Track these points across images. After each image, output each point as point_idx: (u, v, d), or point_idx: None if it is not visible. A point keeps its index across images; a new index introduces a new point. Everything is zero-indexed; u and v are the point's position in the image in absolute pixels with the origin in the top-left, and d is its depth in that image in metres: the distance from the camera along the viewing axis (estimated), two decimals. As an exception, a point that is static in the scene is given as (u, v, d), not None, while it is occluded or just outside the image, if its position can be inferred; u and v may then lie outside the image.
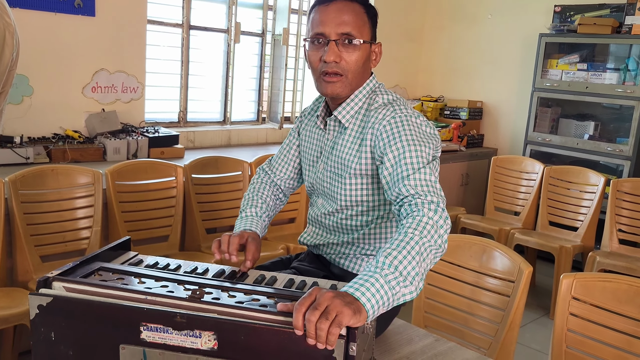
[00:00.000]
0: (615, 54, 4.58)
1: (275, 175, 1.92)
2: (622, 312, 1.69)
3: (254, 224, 1.76)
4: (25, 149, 3.19)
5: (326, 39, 1.60)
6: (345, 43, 1.59)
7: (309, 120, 1.86)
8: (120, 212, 2.97)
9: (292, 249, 3.35)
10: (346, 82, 1.63)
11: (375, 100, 1.67)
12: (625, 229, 3.87)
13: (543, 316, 3.90)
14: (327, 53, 1.59)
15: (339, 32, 1.58)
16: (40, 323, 1.14)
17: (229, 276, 1.43)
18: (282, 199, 1.94)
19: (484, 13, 5.46)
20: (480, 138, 5.50)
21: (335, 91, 1.64)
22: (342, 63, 1.61)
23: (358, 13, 1.61)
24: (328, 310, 1.06)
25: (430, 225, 1.30)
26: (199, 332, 1.08)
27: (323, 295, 1.08)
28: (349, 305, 1.07)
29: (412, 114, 1.60)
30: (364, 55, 1.63)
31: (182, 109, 4.33)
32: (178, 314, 1.08)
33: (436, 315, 2.05)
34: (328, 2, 1.61)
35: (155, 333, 1.10)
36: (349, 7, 1.60)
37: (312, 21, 1.64)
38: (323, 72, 1.62)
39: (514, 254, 1.92)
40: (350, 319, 1.06)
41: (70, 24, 3.53)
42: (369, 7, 1.66)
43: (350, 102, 1.68)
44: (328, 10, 1.60)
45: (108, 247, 1.45)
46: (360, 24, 1.61)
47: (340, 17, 1.58)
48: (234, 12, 4.43)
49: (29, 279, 2.64)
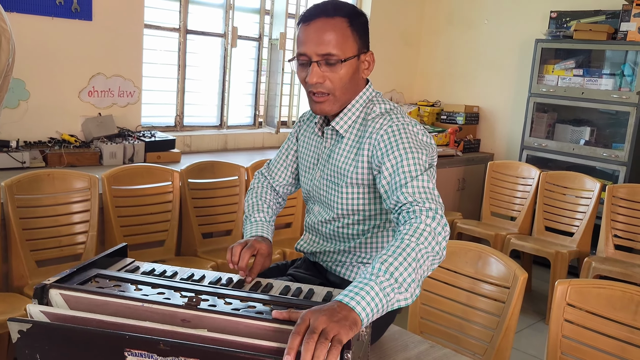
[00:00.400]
0: (611, 60, 4.60)
1: (274, 179, 1.92)
2: (617, 319, 1.69)
3: (265, 229, 1.76)
4: (21, 153, 3.18)
5: (308, 60, 1.58)
6: (328, 63, 1.57)
7: (307, 125, 1.86)
8: (116, 217, 2.96)
9: (288, 254, 3.34)
10: (334, 100, 1.63)
11: (373, 110, 1.67)
12: (621, 235, 3.88)
13: (539, 321, 3.91)
14: (309, 75, 1.58)
15: (319, 52, 1.56)
16: (24, 346, 1.13)
17: (225, 283, 1.43)
18: (281, 203, 1.95)
19: (481, 18, 5.48)
20: (477, 143, 5.51)
21: (324, 110, 1.64)
22: (327, 83, 1.59)
23: (339, 29, 1.57)
24: (325, 332, 1.04)
25: (428, 232, 1.29)
26: (184, 359, 1.06)
27: (317, 319, 1.06)
28: (343, 323, 1.06)
29: (409, 123, 1.60)
30: (349, 71, 1.60)
31: (179, 113, 4.33)
32: (161, 341, 1.05)
33: (432, 321, 2.05)
34: (309, 20, 1.58)
35: (141, 359, 1.08)
36: (329, 24, 1.56)
37: (297, 39, 1.63)
38: (310, 92, 1.62)
39: (509, 260, 1.93)
40: (348, 336, 1.05)
41: (67, 28, 3.52)
42: (355, 18, 1.61)
43: (347, 112, 1.67)
44: (309, 29, 1.58)
45: (105, 254, 1.44)
46: (342, 40, 1.56)
47: (320, 37, 1.55)
48: (230, 17, 4.44)
49: (25, 284, 2.62)
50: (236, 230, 3.43)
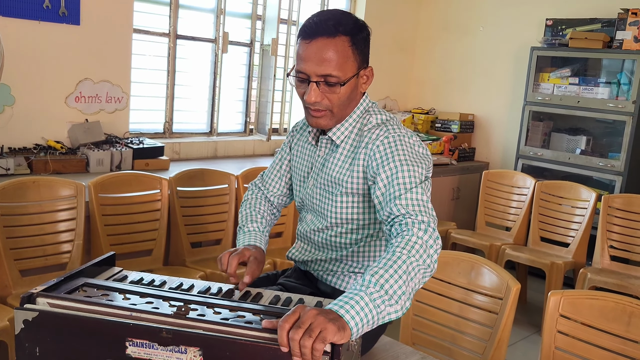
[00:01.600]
0: (607, 68, 4.57)
1: (268, 190, 1.93)
2: (610, 330, 1.69)
3: (258, 238, 1.76)
4: (6, 159, 3.12)
5: (307, 78, 1.57)
6: (327, 84, 1.56)
7: (300, 135, 1.87)
8: (103, 225, 2.90)
9: (279, 264, 3.29)
10: (331, 115, 1.63)
11: (369, 121, 1.68)
12: (617, 245, 3.83)
13: (534, 334, 3.84)
14: (308, 94, 1.57)
15: (319, 73, 1.54)
16: (25, 338, 1.15)
17: (214, 293, 1.43)
18: (275, 214, 1.96)
19: (476, 25, 5.44)
20: (472, 151, 5.46)
21: (320, 124, 1.66)
22: (325, 102, 1.59)
23: (341, 50, 1.54)
24: (312, 327, 1.07)
25: (419, 245, 1.30)
26: (185, 347, 1.09)
27: (307, 313, 1.09)
28: (333, 322, 1.08)
29: (405, 134, 1.61)
30: (348, 90, 1.60)
31: (168, 120, 4.25)
32: (164, 329, 1.09)
33: (424, 332, 2.06)
34: (310, 38, 1.55)
35: (141, 349, 1.10)
36: (331, 44, 1.54)
37: (297, 54, 1.60)
38: (308, 107, 1.62)
39: (502, 270, 1.93)
40: (334, 335, 1.07)
41: (54, 32, 3.45)
42: (356, 34, 1.59)
43: (344, 123, 1.69)
44: (310, 48, 1.55)
45: (92, 263, 1.45)
46: (342, 61, 1.55)
47: (321, 56, 1.53)
48: (222, 22, 4.37)
49: (8, 294, 2.57)
50: (226, 239, 3.37)
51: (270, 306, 1.33)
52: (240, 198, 3.41)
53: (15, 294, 2.56)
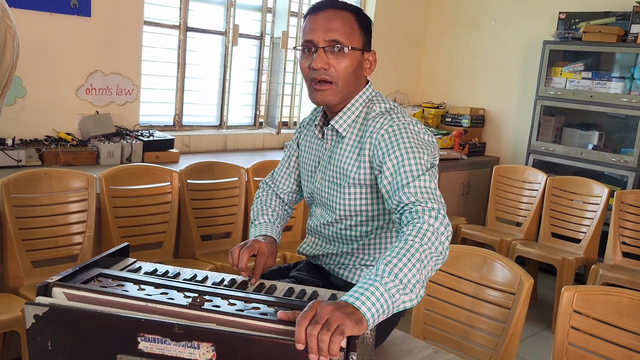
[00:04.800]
0: (621, 62, 4.52)
1: (278, 188, 1.94)
2: (624, 326, 1.68)
3: (269, 229, 1.77)
4: (17, 151, 3.12)
5: (315, 47, 1.61)
6: (334, 50, 1.60)
7: (307, 130, 1.87)
8: (113, 217, 2.92)
9: (288, 257, 3.28)
10: (336, 89, 1.63)
11: (373, 109, 1.68)
12: (629, 242, 3.79)
13: (544, 330, 3.82)
14: (315, 60, 1.60)
15: (326, 39, 1.59)
16: (37, 332, 1.14)
17: (228, 284, 1.43)
18: (288, 211, 1.96)
19: (488, 19, 5.39)
20: (482, 146, 5.43)
21: (325, 99, 1.65)
22: (331, 70, 1.61)
23: (347, 20, 1.61)
24: (329, 322, 1.06)
25: (431, 232, 1.30)
26: (197, 343, 1.08)
27: (323, 308, 1.09)
28: (350, 316, 1.08)
29: (409, 122, 1.61)
30: (354, 62, 1.63)
31: (178, 113, 4.25)
32: (176, 324, 1.08)
33: (435, 326, 2.05)
34: (317, 10, 1.63)
35: (153, 344, 1.10)
36: (338, 14, 1.61)
37: (303, 29, 1.66)
38: (313, 80, 1.63)
39: (514, 265, 1.92)
40: (352, 329, 1.07)
41: (65, 24, 3.45)
42: (361, 15, 1.67)
43: (347, 111, 1.68)
44: (317, 18, 1.62)
45: (107, 254, 1.45)
46: (349, 31, 1.61)
47: (328, 25, 1.60)
48: (232, 14, 4.36)
49: (20, 285, 2.59)
50: (235, 232, 3.37)
51: (284, 298, 1.33)
52: (250, 191, 3.41)
53: (27, 285, 2.58)
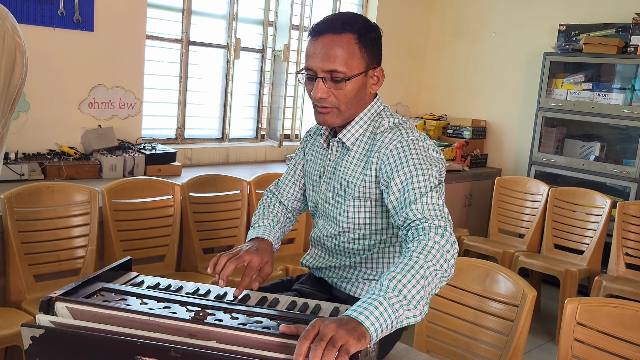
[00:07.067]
0: (622, 74, 4.53)
1: (282, 195, 1.92)
2: (628, 339, 1.67)
3: (267, 232, 1.74)
4: (20, 165, 3.13)
5: (315, 75, 1.58)
6: (333, 80, 1.57)
7: (314, 139, 1.86)
8: (116, 230, 2.91)
9: (291, 270, 3.27)
10: (338, 113, 1.62)
11: (382, 124, 1.66)
12: (632, 253, 3.78)
13: (548, 342, 3.80)
14: (314, 90, 1.58)
15: (325, 69, 1.56)
16: (34, 353, 1.14)
17: (231, 298, 1.43)
18: (291, 219, 1.94)
19: (488, 31, 5.42)
20: (484, 158, 5.43)
21: (327, 121, 1.64)
22: (331, 98, 1.59)
23: (347, 45, 1.56)
24: (334, 339, 1.05)
25: (436, 249, 1.30)
26: None
27: (326, 326, 1.07)
28: (353, 332, 1.07)
29: (418, 137, 1.59)
30: (355, 87, 1.60)
31: (180, 126, 4.26)
32: (172, 348, 1.06)
33: (438, 339, 2.04)
34: (317, 35, 1.59)
35: None
36: (337, 40, 1.56)
37: (306, 52, 1.63)
38: (315, 104, 1.62)
39: (517, 277, 1.91)
40: (356, 346, 1.06)
41: (68, 39, 3.47)
42: (364, 33, 1.59)
43: (355, 125, 1.67)
44: (316, 44, 1.58)
45: (109, 268, 1.45)
46: (348, 57, 1.56)
47: (326, 53, 1.55)
48: (233, 28, 4.38)
49: (22, 299, 2.58)
50: (238, 245, 3.34)
51: (287, 311, 1.32)
52: (252, 204, 3.40)
53: (29, 299, 2.57)
